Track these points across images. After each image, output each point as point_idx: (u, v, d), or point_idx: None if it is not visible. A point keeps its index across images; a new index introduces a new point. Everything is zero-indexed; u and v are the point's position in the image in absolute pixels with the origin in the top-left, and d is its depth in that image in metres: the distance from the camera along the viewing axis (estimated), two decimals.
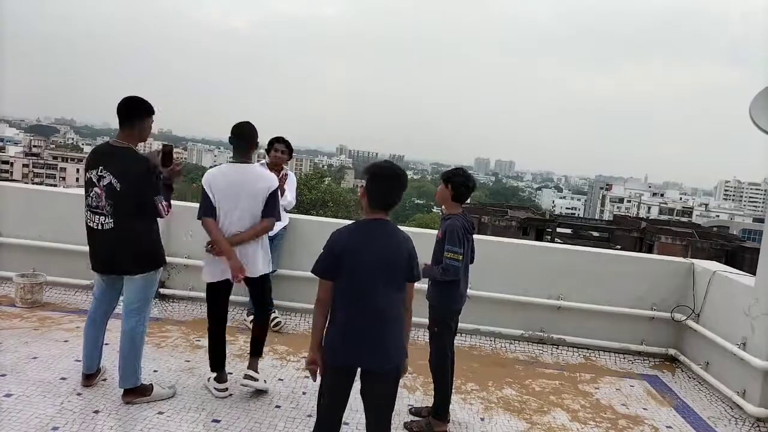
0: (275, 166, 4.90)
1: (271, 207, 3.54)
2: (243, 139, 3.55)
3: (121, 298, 3.44)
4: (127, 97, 3.29)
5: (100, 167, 3.22)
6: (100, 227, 3.23)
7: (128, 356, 3.34)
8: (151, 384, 3.47)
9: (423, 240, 5.48)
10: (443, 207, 3.54)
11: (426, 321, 3.53)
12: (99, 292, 3.48)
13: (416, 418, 3.58)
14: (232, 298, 5.10)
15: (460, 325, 4.99)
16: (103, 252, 3.30)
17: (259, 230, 3.53)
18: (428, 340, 3.55)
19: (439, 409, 3.49)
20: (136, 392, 3.37)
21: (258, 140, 3.65)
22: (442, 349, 3.48)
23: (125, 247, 3.26)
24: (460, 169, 3.51)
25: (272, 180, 3.59)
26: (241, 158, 3.56)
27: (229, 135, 3.55)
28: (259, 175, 3.56)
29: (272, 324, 4.87)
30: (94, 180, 3.23)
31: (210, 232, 3.48)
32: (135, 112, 3.28)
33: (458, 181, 3.40)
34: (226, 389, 3.61)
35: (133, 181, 3.19)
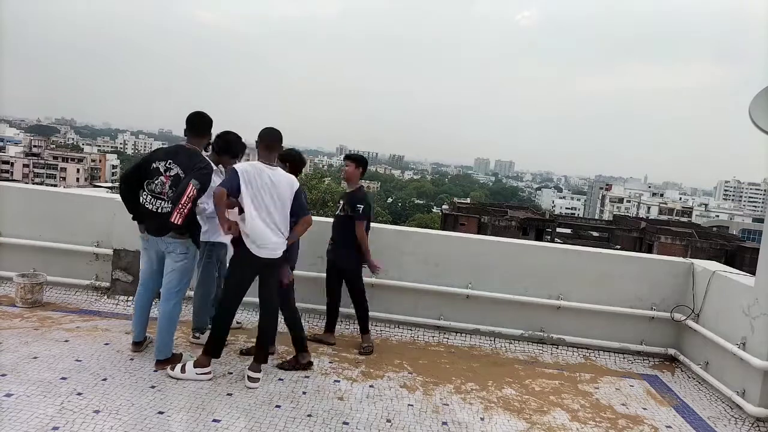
0: None
1: (300, 205, 3.88)
2: (264, 143, 3.84)
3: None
4: (201, 113, 3.94)
5: (170, 160, 3.79)
6: (158, 210, 3.73)
7: (166, 332, 3.84)
8: (180, 353, 3.96)
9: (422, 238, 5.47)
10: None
11: None
12: (146, 276, 4.02)
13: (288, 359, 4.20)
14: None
15: (460, 324, 5.07)
16: (154, 229, 3.78)
17: (301, 230, 3.95)
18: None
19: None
20: (167, 362, 3.82)
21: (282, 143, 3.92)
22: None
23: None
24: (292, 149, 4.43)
25: (294, 181, 3.90)
26: (267, 161, 3.81)
27: (256, 140, 3.88)
28: (287, 179, 3.85)
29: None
30: (161, 170, 3.77)
31: (219, 202, 3.56)
32: (206, 127, 3.96)
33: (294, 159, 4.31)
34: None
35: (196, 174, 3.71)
